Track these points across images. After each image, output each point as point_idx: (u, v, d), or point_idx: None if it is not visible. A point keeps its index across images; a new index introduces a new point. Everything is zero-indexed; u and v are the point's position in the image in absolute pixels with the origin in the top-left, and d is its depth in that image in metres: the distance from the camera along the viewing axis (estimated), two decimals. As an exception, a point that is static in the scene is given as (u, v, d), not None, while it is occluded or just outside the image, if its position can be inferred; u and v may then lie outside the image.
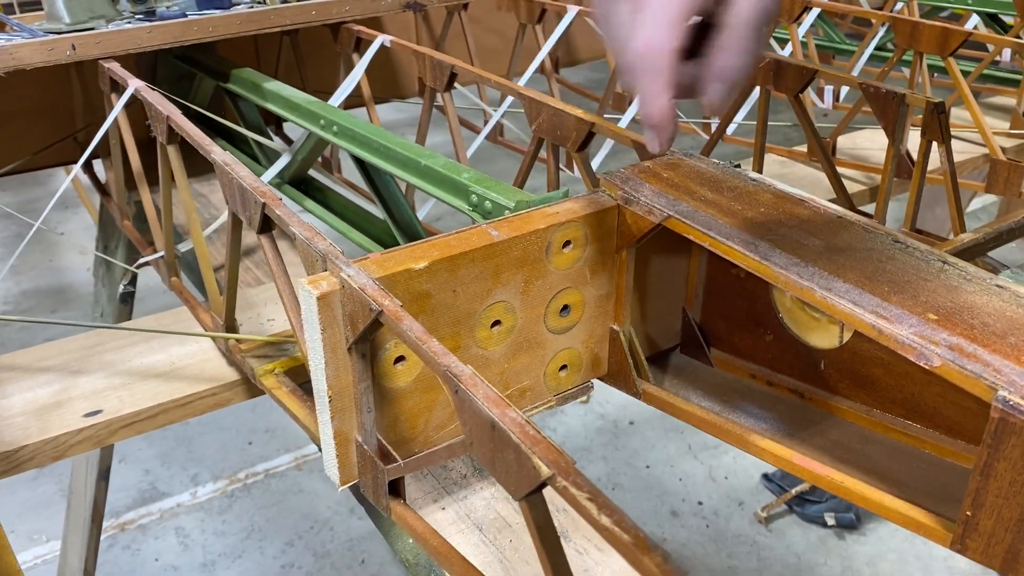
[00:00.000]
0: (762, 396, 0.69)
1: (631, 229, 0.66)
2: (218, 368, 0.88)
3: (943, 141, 0.87)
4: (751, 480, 2.32)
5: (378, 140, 0.83)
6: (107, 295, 1.41)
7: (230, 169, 0.69)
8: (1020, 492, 0.46)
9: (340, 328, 0.56)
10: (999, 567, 0.48)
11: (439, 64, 0.96)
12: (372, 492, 0.61)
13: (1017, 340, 0.49)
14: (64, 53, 0.98)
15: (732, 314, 0.72)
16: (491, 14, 1.61)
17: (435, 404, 0.63)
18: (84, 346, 0.92)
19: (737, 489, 2.30)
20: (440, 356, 0.47)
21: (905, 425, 0.61)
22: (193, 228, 0.85)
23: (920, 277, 0.55)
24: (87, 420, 0.81)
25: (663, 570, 0.35)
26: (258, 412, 2.52)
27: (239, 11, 1.12)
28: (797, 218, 0.63)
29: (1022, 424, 0.44)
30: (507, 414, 0.43)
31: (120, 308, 1.36)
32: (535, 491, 0.41)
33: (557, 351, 0.69)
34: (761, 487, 2.29)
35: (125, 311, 1.37)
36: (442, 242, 0.60)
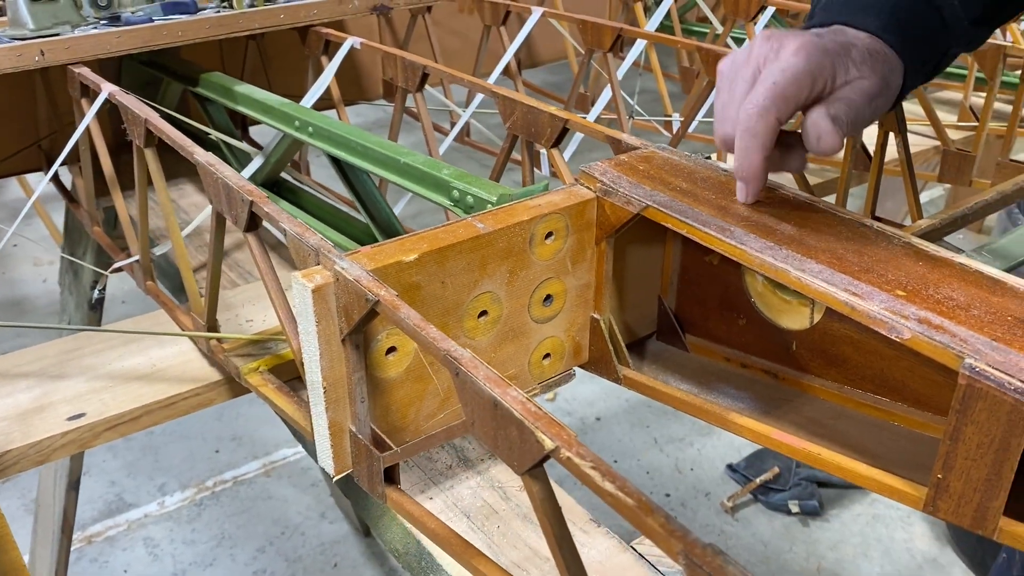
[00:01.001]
0: (737, 378, 0.72)
1: (610, 220, 0.68)
2: (200, 369, 0.88)
3: (899, 132, 0.91)
4: (716, 471, 2.37)
5: (356, 140, 0.84)
6: (75, 303, 1.40)
7: (215, 169, 0.70)
8: (987, 454, 0.49)
9: (334, 320, 0.57)
10: (969, 524, 0.51)
11: (411, 65, 0.98)
12: (367, 480, 0.62)
13: (980, 312, 0.52)
14: (32, 59, 0.98)
15: (706, 300, 0.75)
16: (453, 17, 1.63)
17: (425, 393, 0.64)
18: (63, 351, 0.92)
19: (703, 480, 2.34)
20: (439, 341, 0.49)
21: (875, 400, 0.64)
22: (172, 231, 0.86)
23: (887, 257, 0.58)
24: (71, 423, 0.81)
25: (667, 529, 0.37)
26: (224, 420, 2.50)
27: (207, 16, 1.13)
28: (768, 205, 0.66)
29: (988, 389, 0.47)
30: (508, 393, 0.45)
31: (89, 315, 1.35)
32: (538, 464, 0.43)
33: (541, 340, 0.71)
34: (726, 477, 2.34)
35: (94, 318, 1.36)
36: (430, 235, 0.62)
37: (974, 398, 0.48)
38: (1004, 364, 0.48)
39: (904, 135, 0.92)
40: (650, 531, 0.38)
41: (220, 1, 1.28)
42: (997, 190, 0.99)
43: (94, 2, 1.25)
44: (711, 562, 0.35)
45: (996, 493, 0.49)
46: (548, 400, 2.63)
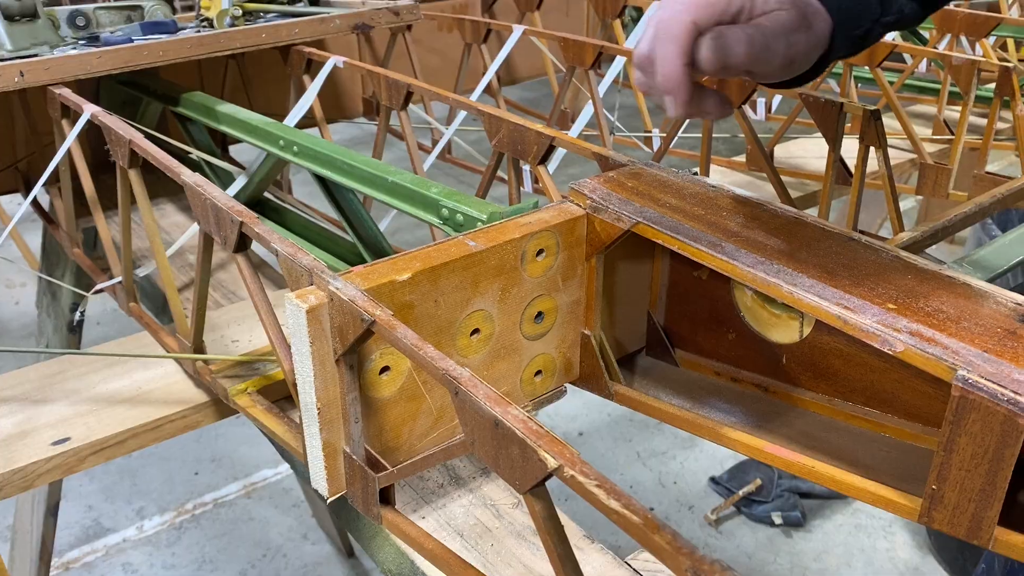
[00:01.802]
0: (728, 392, 0.73)
1: (600, 236, 0.68)
2: (185, 391, 0.88)
3: (880, 146, 0.92)
4: (699, 484, 2.37)
5: (342, 159, 0.84)
6: (53, 325, 1.38)
7: (202, 190, 0.69)
8: (981, 464, 0.49)
9: (328, 341, 0.57)
10: (964, 535, 0.52)
11: (395, 83, 0.98)
12: (362, 501, 0.62)
13: (970, 324, 0.53)
14: (12, 79, 0.97)
15: (695, 315, 0.75)
16: (432, 35, 1.64)
17: (418, 413, 0.64)
18: (45, 374, 0.90)
19: (686, 493, 2.34)
20: (438, 360, 0.49)
21: (866, 412, 0.65)
22: (157, 252, 0.85)
23: (876, 270, 0.59)
24: (55, 448, 0.80)
25: (674, 546, 0.37)
26: (203, 441, 2.47)
27: (188, 35, 1.12)
28: (757, 220, 0.66)
29: (980, 400, 0.48)
30: (509, 411, 0.45)
31: (68, 337, 1.33)
32: (541, 483, 0.43)
33: (532, 357, 0.71)
34: (709, 490, 2.34)
35: (74, 340, 1.34)
36: (423, 254, 0.62)
37: (967, 409, 0.49)
38: (996, 375, 0.48)
39: (885, 149, 0.93)
40: (657, 548, 0.38)
41: (200, 21, 1.27)
42: (975, 202, 1.00)
43: (72, 22, 1.24)
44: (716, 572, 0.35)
45: (991, 503, 0.50)
46: (530, 416, 2.62)
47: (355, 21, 1.18)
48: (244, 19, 1.18)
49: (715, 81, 1.05)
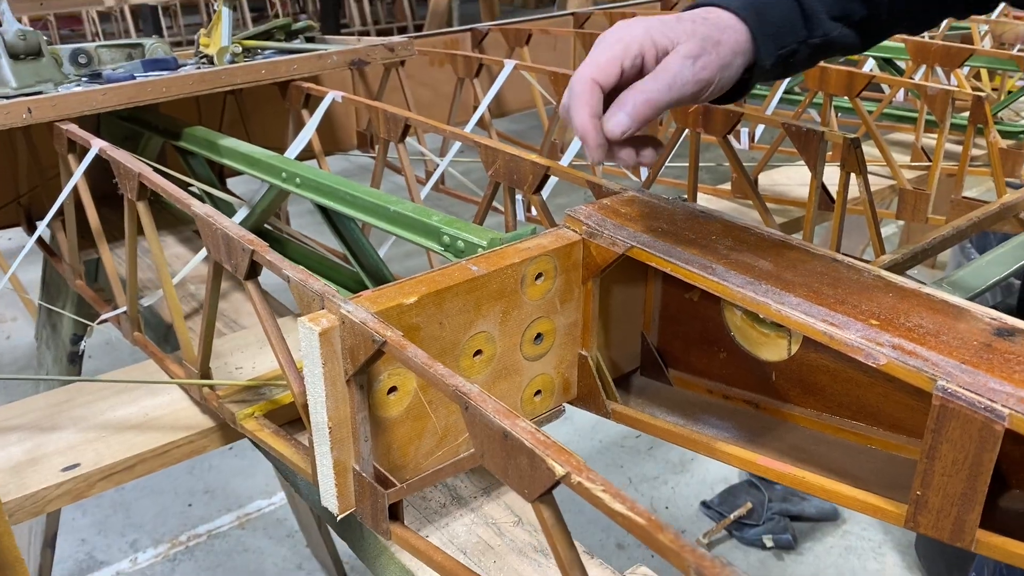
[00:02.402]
0: (720, 409, 0.75)
1: (596, 260, 0.71)
2: (192, 416, 0.90)
3: (861, 172, 0.96)
4: (691, 508, 2.39)
5: (345, 190, 0.87)
6: (52, 357, 1.40)
7: (213, 220, 0.72)
8: (962, 469, 0.52)
9: (339, 362, 0.59)
10: (948, 538, 0.54)
11: (393, 117, 1.01)
12: (371, 518, 0.64)
13: (949, 338, 0.56)
14: (20, 116, 1.00)
15: (687, 336, 0.78)
16: (424, 70, 1.68)
17: (423, 432, 0.67)
18: (52, 403, 0.92)
19: (678, 518, 2.36)
20: (447, 377, 0.52)
21: (852, 425, 0.68)
22: (164, 280, 0.88)
23: (859, 289, 0.62)
24: (65, 474, 0.81)
25: (677, 545, 0.40)
26: (196, 473, 2.47)
27: (190, 72, 1.15)
28: (745, 243, 0.69)
29: (960, 409, 0.51)
30: (517, 424, 0.47)
31: (69, 369, 1.35)
32: (549, 491, 0.46)
33: (532, 377, 0.73)
34: (701, 514, 2.36)
35: (74, 372, 1.36)
36: (428, 278, 0.64)
37: (948, 418, 0.52)
38: (974, 385, 0.51)
39: (865, 175, 0.97)
40: (662, 547, 0.40)
41: (200, 58, 1.31)
42: (953, 226, 1.04)
43: (75, 60, 1.27)
44: (720, 572, 0.38)
45: (972, 506, 0.53)
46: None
47: (352, 57, 1.22)
48: (244, 56, 1.22)
49: (701, 112, 1.09)
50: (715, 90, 0.69)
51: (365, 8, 6.65)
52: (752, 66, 0.71)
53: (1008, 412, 0.49)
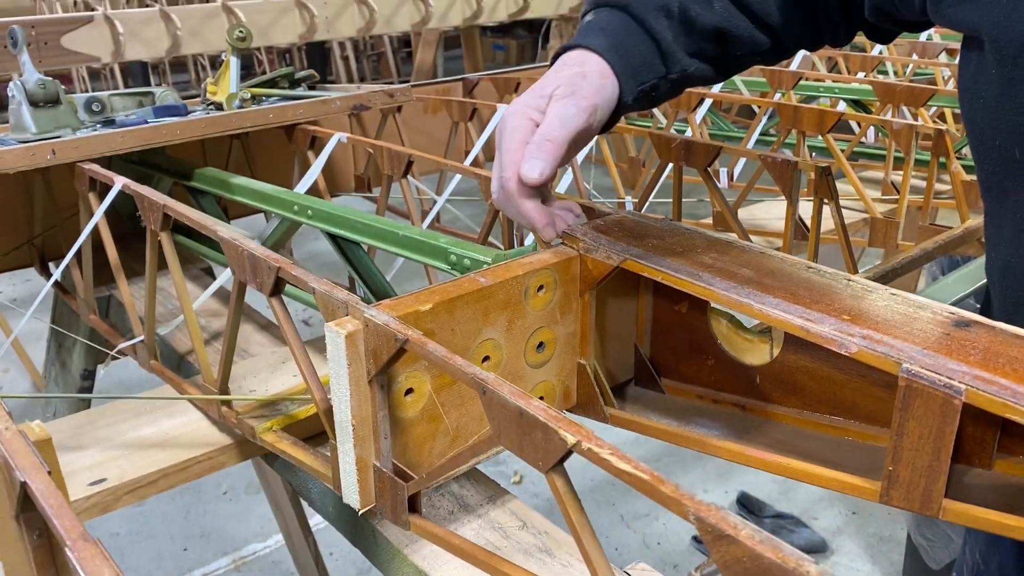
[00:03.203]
0: (710, 412, 0.81)
1: (592, 274, 0.78)
2: (210, 435, 0.95)
3: (832, 198, 1.03)
4: (682, 543, 2.42)
5: (355, 218, 0.94)
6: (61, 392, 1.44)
7: (239, 242, 0.78)
8: (927, 443, 0.58)
9: (362, 363, 0.65)
10: (918, 508, 0.60)
11: (397, 154, 1.09)
12: (392, 510, 0.69)
13: (911, 329, 0.63)
14: (45, 157, 1.06)
15: (677, 346, 0.84)
16: (419, 116, 1.76)
17: (437, 432, 0.72)
18: (75, 426, 0.97)
19: (670, 553, 2.39)
20: (466, 367, 0.57)
21: (831, 420, 0.74)
22: (185, 305, 0.93)
23: (832, 291, 0.69)
24: (93, 488, 0.86)
25: (678, 494, 0.45)
26: (191, 518, 2.49)
27: (201, 116, 1.23)
28: (728, 254, 0.76)
29: (922, 387, 0.57)
30: (531, 403, 0.53)
31: (79, 404, 1.39)
32: (562, 459, 0.51)
33: (535, 383, 0.79)
34: (692, 549, 2.40)
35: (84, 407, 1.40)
36: (440, 289, 0.71)
37: (912, 396, 0.58)
38: (934, 366, 0.58)
39: (836, 201, 1.05)
40: (664, 498, 0.46)
41: (207, 105, 1.38)
42: (920, 247, 1.12)
43: (89, 108, 1.34)
44: (715, 514, 0.44)
45: (938, 477, 0.59)
46: (514, 483, 2.67)
47: (354, 103, 1.29)
48: (251, 102, 1.29)
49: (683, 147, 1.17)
50: (601, 114, 0.77)
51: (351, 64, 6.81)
52: (619, 103, 0.80)
53: (965, 388, 0.56)
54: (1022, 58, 0.64)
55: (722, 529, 0.42)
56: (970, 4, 0.68)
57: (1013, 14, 0.64)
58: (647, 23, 0.81)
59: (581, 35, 0.82)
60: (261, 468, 1.77)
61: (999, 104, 0.68)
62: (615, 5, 0.82)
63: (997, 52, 0.66)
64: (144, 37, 2.53)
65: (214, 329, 1.18)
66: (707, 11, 0.82)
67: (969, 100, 0.73)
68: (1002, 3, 0.65)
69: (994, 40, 0.66)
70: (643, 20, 0.81)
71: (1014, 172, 0.69)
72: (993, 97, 0.68)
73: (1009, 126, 0.67)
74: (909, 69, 2.03)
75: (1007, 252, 0.74)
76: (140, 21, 2.51)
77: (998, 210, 0.74)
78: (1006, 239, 0.73)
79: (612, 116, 0.82)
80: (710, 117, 1.95)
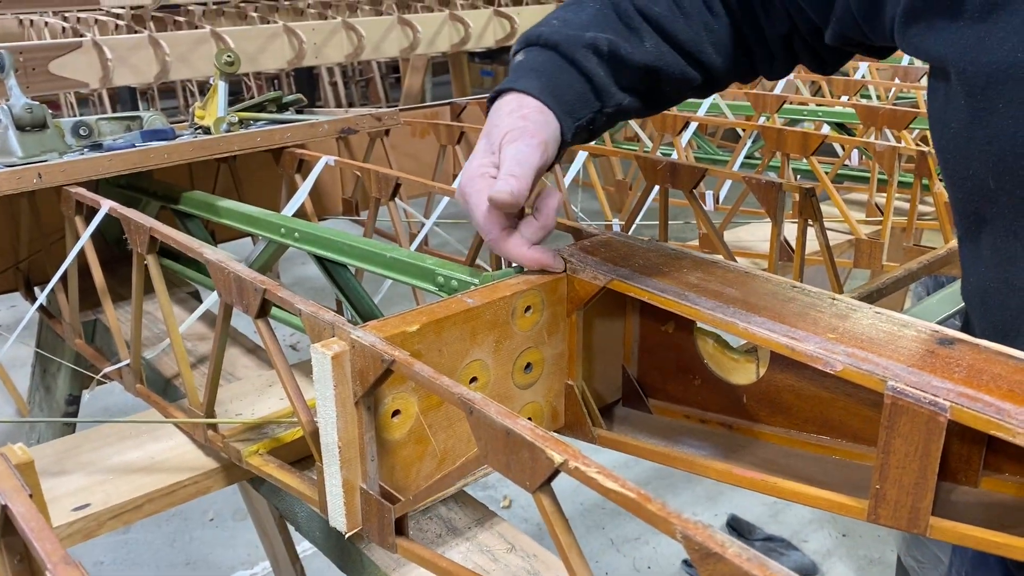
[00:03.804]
0: (698, 432, 0.81)
1: (579, 294, 0.78)
2: (196, 459, 0.94)
3: (816, 219, 1.04)
4: (672, 567, 2.41)
5: (342, 240, 0.94)
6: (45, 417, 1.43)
7: (225, 264, 0.78)
8: (913, 460, 0.59)
9: (349, 385, 0.65)
10: (905, 526, 0.60)
11: (384, 177, 1.09)
12: (378, 533, 0.69)
13: (896, 347, 0.63)
14: (31, 181, 1.06)
15: (664, 366, 0.84)
16: (406, 140, 1.77)
17: (424, 454, 0.72)
18: (59, 450, 0.96)
19: (660, 577, 2.38)
20: (452, 387, 0.57)
21: (817, 439, 0.74)
22: (171, 329, 0.93)
23: (816, 310, 0.69)
24: (76, 514, 0.85)
25: (665, 512, 0.45)
26: (177, 545, 2.46)
27: (189, 140, 1.23)
28: (713, 274, 0.77)
29: (907, 405, 0.58)
30: (517, 423, 0.53)
31: (64, 429, 1.38)
32: (549, 479, 0.51)
33: (523, 404, 0.79)
34: (682, 572, 2.38)
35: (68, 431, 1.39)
36: (428, 310, 0.71)
37: (898, 414, 0.58)
38: (919, 384, 0.58)
39: (820, 221, 1.06)
40: (651, 516, 0.46)
41: (195, 129, 1.38)
42: (905, 268, 1.13)
43: (76, 132, 1.34)
44: (702, 533, 0.44)
45: (925, 494, 0.59)
46: (503, 507, 2.65)
47: (342, 126, 1.30)
48: (239, 126, 1.29)
49: (668, 170, 1.18)
50: (551, 150, 0.78)
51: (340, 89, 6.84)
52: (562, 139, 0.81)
53: (950, 405, 0.56)
54: (991, 89, 0.65)
55: (709, 547, 0.42)
56: (936, 35, 0.68)
57: (979, 46, 0.65)
58: (578, 62, 0.82)
59: (514, 77, 0.82)
60: (247, 493, 1.75)
61: (970, 134, 0.68)
62: (544, 44, 0.83)
63: (965, 83, 0.66)
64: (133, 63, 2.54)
65: (200, 353, 1.18)
66: (638, 49, 0.83)
67: (939, 129, 0.73)
68: (968, 35, 0.65)
69: (961, 72, 0.67)
70: (573, 59, 0.82)
71: (989, 200, 0.69)
72: (963, 127, 0.68)
73: (982, 155, 0.67)
74: (892, 93, 2.05)
75: (986, 278, 0.74)
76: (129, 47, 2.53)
77: (974, 236, 0.74)
78: (985, 265, 0.73)
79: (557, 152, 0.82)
80: (695, 140, 1.96)
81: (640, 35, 0.84)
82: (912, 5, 0.70)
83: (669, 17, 0.85)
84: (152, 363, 1.17)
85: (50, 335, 1.43)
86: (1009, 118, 0.64)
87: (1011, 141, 0.64)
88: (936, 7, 0.68)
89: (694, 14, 0.86)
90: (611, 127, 0.90)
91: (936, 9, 0.68)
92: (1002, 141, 0.65)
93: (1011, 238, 0.69)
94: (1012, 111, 0.64)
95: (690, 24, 0.85)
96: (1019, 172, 0.65)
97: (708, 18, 0.86)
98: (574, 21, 0.84)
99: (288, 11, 3.56)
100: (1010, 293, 0.72)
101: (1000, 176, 0.67)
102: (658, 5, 0.85)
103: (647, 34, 0.84)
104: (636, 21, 0.84)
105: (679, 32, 0.85)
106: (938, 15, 0.68)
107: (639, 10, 0.85)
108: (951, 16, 0.67)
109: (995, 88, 0.64)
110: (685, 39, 0.85)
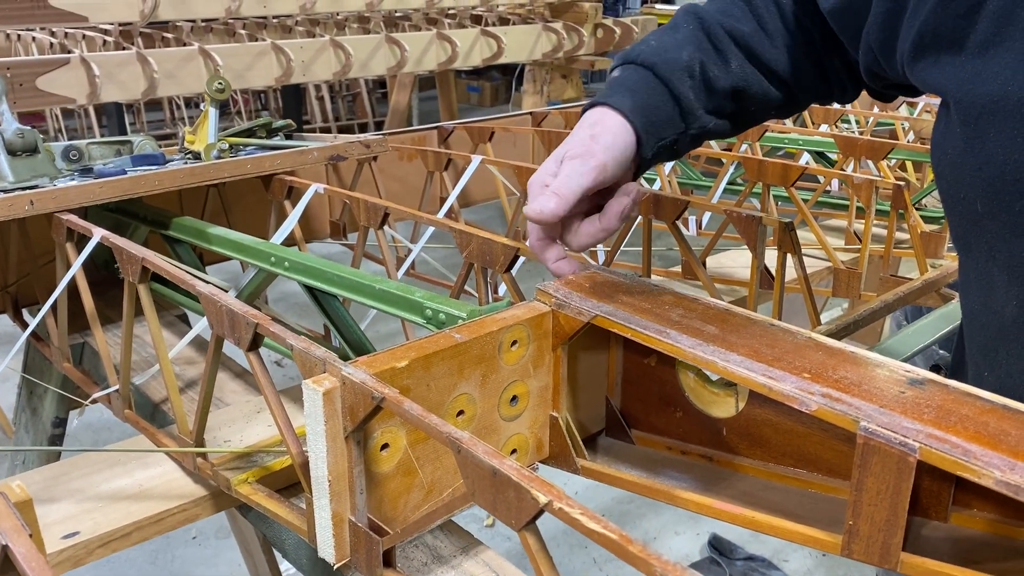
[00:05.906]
0: (679, 463, 0.83)
1: (564, 329, 0.80)
2: (185, 486, 0.95)
3: (795, 252, 1.07)
4: (655, 587, 2.42)
5: (331, 271, 0.95)
6: (31, 441, 1.43)
7: (217, 297, 0.80)
8: (885, 498, 0.61)
9: (339, 420, 0.67)
10: (877, 561, 0.62)
11: (373, 206, 1.11)
12: (366, 565, 0.70)
13: (870, 387, 0.65)
14: (23, 207, 1.07)
15: (646, 398, 0.87)
16: (394, 164, 1.79)
17: (412, 487, 0.74)
18: (48, 477, 0.97)
19: (643, 597, 2.39)
20: (441, 426, 0.59)
21: (794, 472, 0.76)
22: (161, 355, 0.94)
23: (793, 348, 0.72)
24: (65, 542, 0.86)
25: (645, 554, 0.47)
26: (159, 563, 2.45)
27: (179, 166, 1.24)
28: (694, 311, 0.79)
29: (879, 445, 0.60)
30: (504, 463, 0.55)
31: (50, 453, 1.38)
32: (535, 518, 0.53)
33: (509, 436, 0.81)
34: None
35: (54, 456, 1.39)
36: (416, 345, 0.72)
37: (870, 454, 0.61)
38: (890, 424, 0.60)
39: (799, 254, 1.08)
40: (632, 558, 0.48)
41: (185, 154, 1.40)
42: (881, 299, 1.15)
43: (67, 156, 1.35)
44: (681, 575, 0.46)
45: (895, 531, 0.61)
46: (487, 526, 2.66)
47: (331, 153, 1.32)
48: (229, 152, 1.31)
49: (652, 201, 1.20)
50: (614, 169, 0.82)
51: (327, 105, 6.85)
52: (639, 157, 0.86)
53: (919, 446, 0.58)
54: (984, 119, 0.69)
55: (687, 589, 0.44)
56: (938, 68, 0.73)
57: (975, 78, 0.70)
58: (672, 84, 0.86)
59: (609, 92, 0.87)
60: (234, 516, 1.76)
61: (964, 160, 0.73)
62: (642, 64, 0.88)
63: (961, 113, 0.72)
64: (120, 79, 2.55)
65: (189, 377, 1.19)
66: (724, 72, 0.88)
67: (938, 155, 0.78)
68: (966, 68, 0.71)
69: (958, 101, 0.72)
70: (668, 81, 0.86)
71: (976, 225, 0.74)
72: (958, 153, 0.74)
73: (973, 180, 0.73)
74: (871, 121, 2.09)
75: (973, 300, 0.79)
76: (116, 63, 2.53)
77: (965, 260, 0.80)
78: (972, 288, 0.79)
79: (639, 167, 0.88)
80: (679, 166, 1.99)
81: (726, 56, 0.88)
82: (920, 41, 0.74)
83: (755, 37, 0.89)
84: (141, 388, 1.18)
85: (37, 356, 1.43)
86: (999, 146, 0.69)
87: (1000, 168, 0.69)
88: (941, 43, 0.73)
89: (777, 35, 0.90)
90: (696, 146, 0.94)
91: (941, 45, 0.73)
92: (992, 168, 0.70)
93: (991, 262, 0.74)
94: (1002, 140, 0.69)
95: (774, 44, 0.90)
96: (1005, 196, 0.70)
97: (789, 40, 0.90)
98: (670, 43, 0.88)
99: (276, 28, 3.57)
100: (990, 316, 0.76)
101: (988, 200, 0.71)
102: (745, 25, 0.89)
103: (733, 55, 0.89)
104: (724, 43, 0.89)
105: (764, 52, 0.89)
106: (944, 50, 0.73)
107: (728, 31, 0.89)
108: (954, 51, 0.72)
109: (987, 118, 0.69)
110: (769, 59, 0.89)
